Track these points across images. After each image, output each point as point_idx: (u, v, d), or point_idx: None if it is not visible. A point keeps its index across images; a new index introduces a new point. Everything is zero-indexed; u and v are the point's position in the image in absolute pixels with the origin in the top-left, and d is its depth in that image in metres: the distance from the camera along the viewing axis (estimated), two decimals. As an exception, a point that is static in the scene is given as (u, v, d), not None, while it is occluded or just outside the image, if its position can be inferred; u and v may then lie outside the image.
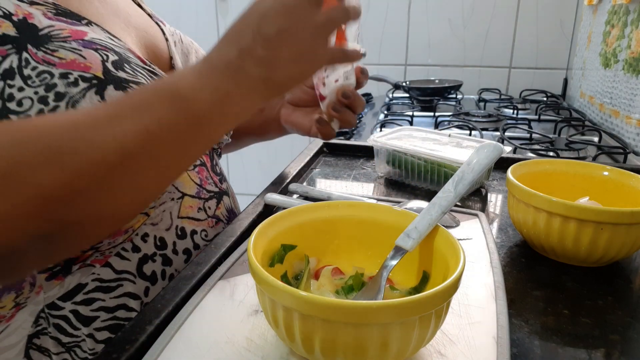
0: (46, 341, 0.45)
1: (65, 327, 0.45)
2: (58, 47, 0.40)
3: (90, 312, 0.46)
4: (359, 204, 0.41)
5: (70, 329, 0.45)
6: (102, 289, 0.46)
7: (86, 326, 0.46)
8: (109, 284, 0.46)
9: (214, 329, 0.35)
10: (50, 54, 0.40)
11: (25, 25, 0.40)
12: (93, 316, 0.46)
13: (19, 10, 0.40)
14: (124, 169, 0.34)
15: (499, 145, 0.48)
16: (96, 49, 0.42)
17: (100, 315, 0.46)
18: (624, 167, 0.73)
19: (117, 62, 0.43)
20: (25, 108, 0.38)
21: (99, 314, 0.46)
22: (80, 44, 0.41)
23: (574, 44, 1.43)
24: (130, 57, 0.46)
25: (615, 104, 1.05)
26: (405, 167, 0.69)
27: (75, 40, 0.41)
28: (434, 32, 1.53)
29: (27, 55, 0.39)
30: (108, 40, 0.45)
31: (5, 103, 0.38)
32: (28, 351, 0.45)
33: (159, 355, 0.32)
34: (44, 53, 0.39)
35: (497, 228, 0.57)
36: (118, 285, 0.47)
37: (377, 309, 0.27)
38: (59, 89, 0.39)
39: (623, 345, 0.37)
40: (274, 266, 0.37)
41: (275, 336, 0.34)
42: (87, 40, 0.42)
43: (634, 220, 0.43)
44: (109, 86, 0.41)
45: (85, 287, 0.45)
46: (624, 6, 1.04)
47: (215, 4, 1.68)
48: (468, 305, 0.38)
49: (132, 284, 0.48)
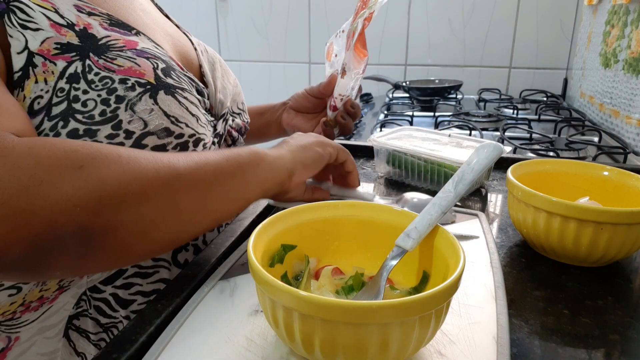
0: (85, 322, 0.49)
1: (104, 309, 0.49)
2: (116, 55, 0.45)
3: (128, 296, 0.49)
4: (359, 204, 0.41)
5: (110, 311, 0.49)
6: (140, 274, 0.49)
7: (124, 309, 0.49)
8: (147, 270, 0.50)
9: (214, 329, 0.35)
10: (110, 61, 0.44)
11: (86, 34, 0.44)
12: (131, 299, 0.49)
13: (79, 20, 0.45)
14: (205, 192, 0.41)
15: (499, 145, 0.48)
16: (147, 58, 0.47)
17: (137, 299, 0.50)
18: (624, 167, 0.73)
19: (165, 69, 0.48)
20: (89, 108, 0.42)
21: (136, 297, 0.49)
22: (134, 52, 0.46)
23: (574, 44, 1.43)
24: (173, 65, 0.50)
25: (615, 104, 1.05)
26: (405, 167, 0.69)
27: (130, 50, 0.46)
28: (434, 32, 1.53)
29: (90, 62, 0.43)
30: (155, 50, 0.49)
31: (71, 104, 0.42)
32: (67, 331, 0.48)
33: (159, 355, 0.32)
34: (104, 61, 0.44)
35: (497, 228, 0.57)
36: (155, 272, 0.50)
37: (377, 309, 0.27)
38: (119, 93, 0.43)
39: (623, 345, 0.37)
40: (274, 266, 0.37)
41: (275, 336, 0.34)
42: (139, 50, 0.47)
43: (634, 220, 0.43)
44: (160, 91, 0.46)
45: (125, 272, 0.49)
46: (624, 6, 1.04)
47: (215, 4, 1.68)
48: (468, 305, 0.38)
49: (168, 270, 0.51)
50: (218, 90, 0.59)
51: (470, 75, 1.54)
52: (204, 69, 0.60)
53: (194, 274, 0.43)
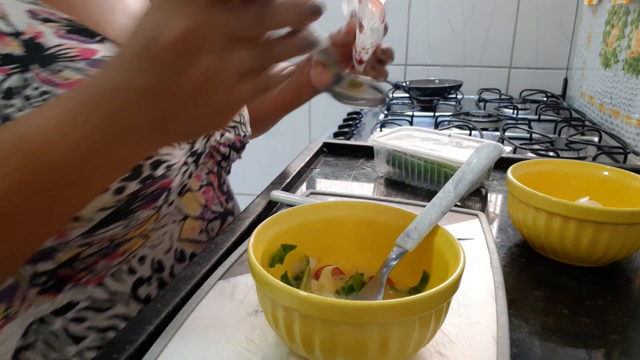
0: (33, 356, 0.44)
1: (54, 343, 0.44)
2: (63, 67, 0.39)
3: (80, 331, 0.45)
4: (359, 204, 0.41)
5: (59, 346, 0.45)
6: (94, 308, 0.46)
7: (76, 344, 0.45)
8: (102, 304, 0.46)
9: (214, 329, 0.35)
10: (55, 74, 0.39)
11: (32, 44, 0.39)
12: (83, 335, 0.45)
13: (30, 28, 0.39)
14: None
15: (499, 145, 0.48)
16: None
17: (90, 335, 0.46)
18: (624, 167, 0.73)
19: None
20: None
21: (89, 333, 0.45)
22: (87, 63, 0.40)
23: (574, 44, 1.43)
24: None
25: (615, 104, 1.05)
26: (405, 167, 0.69)
27: (84, 60, 0.40)
28: (434, 32, 1.53)
29: (31, 75, 0.38)
30: None
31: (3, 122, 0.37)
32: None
33: (159, 355, 0.32)
34: (49, 73, 0.38)
35: (497, 228, 0.57)
36: (110, 306, 0.46)
37: (377, 309, 0.27)
38: None
39: (623, 345, 0.37)
40: (274, 266, 0.37)
41: (275, 336, 0.34)
42: (95, 60, 0.41)
43: (634, 220, 0.43)
44: None
45: (77, 305, 0.45)
46: (624, 6, 1.04)
47: (215, 4, 1.68)
48: (468, 305, 0.38)
49: (125, 306, 0.47)
50: None
51: (470, 75, 1.54)
52: None
53: (194, 274, 0.43)
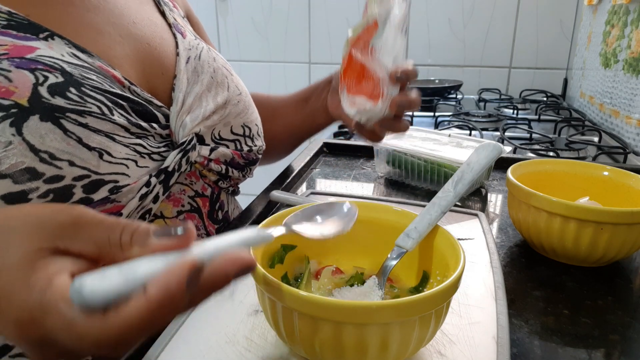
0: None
1: None
2: None
3: None
4: (359, 204, 0.41)
5: None
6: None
7: None
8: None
9: (214, 329, 0.35)
10: None
11: None
12: None
13: None
14: None
15: (499, 145, 0.48)
16: (34, 69, 0.35)
17: None
18: (624, 167, 0.73)
19: (58, 85, 0.36)
20: None
21: None
22: (14, 63, 0.35)
23: (574, 44, 1.43)
24: (91, 79, 0.39)
25: (615, 104, 1.05)
26: (405, 167, 0.69)
27: (11, 59, 0.35)
28: (434, 32, 1.53)
29: None
30: (64, 58, 0.38)
31: None
32: None
33: (159, 355, 0.32)
34: None
35: (497, 228, 0.57)
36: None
37: (377, 309, 0.27)
38: None
39: (623, 345, 0.37)
40: (274, 267, 0.37)
41: (275, 336, 0.34)
42: (28, 59, 0.36)
43: (634, 220, 0.43)
44: (33, 116, 0.34)
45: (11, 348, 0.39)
46: (624, 6, 1.04)
47: (215, 4, 1.68)
48: (468, 305, 0.38)
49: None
50: (186, 109, 0.47)
51: (470, 75, 1.54)
52: (177, 80, 0.48)
53: (194, 274, 0.43)
